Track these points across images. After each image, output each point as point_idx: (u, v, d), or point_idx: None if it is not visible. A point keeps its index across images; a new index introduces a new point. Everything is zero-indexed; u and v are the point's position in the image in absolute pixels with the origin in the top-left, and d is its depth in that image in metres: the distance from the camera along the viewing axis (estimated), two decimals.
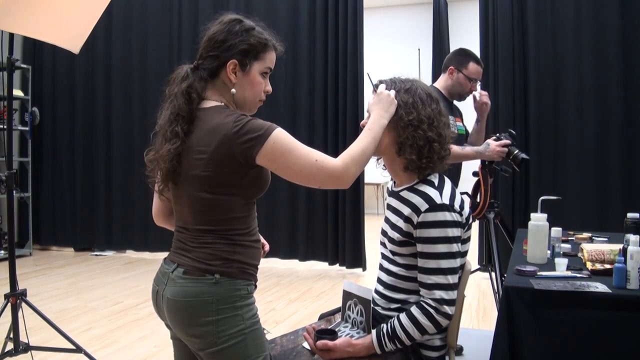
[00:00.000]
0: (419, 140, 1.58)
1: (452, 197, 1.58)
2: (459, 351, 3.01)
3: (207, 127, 1.39)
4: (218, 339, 1.37)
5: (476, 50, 4.90)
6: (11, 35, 2.79)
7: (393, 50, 9.14)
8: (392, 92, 1.60)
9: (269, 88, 1.52)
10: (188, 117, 1.42)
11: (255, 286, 1.49)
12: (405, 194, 1.62)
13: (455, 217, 1.55)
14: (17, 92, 5.70)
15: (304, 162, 1.36)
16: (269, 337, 1.51)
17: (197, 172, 1.38)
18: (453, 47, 9.25)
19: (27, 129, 5.81)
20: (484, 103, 2.90)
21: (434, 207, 1.54)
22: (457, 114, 2.96)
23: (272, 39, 1.51)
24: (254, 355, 1.41)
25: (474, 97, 2.93)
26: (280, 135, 1.36)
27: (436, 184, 1.60)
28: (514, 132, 2.85)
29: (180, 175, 1.42)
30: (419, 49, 8.90)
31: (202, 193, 1.39)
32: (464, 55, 2.87)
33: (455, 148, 2.67)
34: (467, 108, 3.04)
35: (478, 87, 2.92)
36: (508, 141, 2.75)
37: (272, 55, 1.50)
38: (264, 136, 1.34)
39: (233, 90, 1.47)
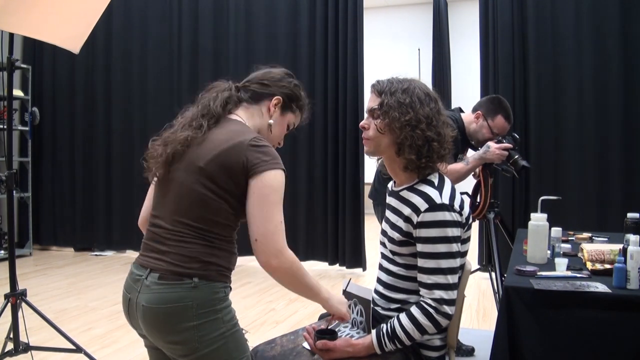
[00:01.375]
0: (418, 140, 1.58)
1: (452, 196, 1.58)
2: (471, 352, 3.00)
3: (228, 130, 1.44)
4: (200, 344, 1.35)
5: (476, 50, 4.92)
6: (11, 35, 2.79)
7: (393, 50, 9.14)
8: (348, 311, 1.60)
9: (282, 142, 1.65)
10: (217, 118, 1.48)
11: (230, 288, 1.48)
12: (405, 194, 1.62)
13: (455, 216, 1.55)
14: (17, 92, 5.70)
15: (276, 212, 1.36)
16: (248, 336, 1.50)
17: (198, 163, 1.40)
18: (453, 47, 9.25)
19: (27, 129, 5.81)
20: (499, 154, 2.73)
21: (433, 206, 1.54)
22: (467, 149, 2.93)
23: (308, 102, 1.65)
24: (236, 358, 1.41)
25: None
26: (282, 179, 1.40)
27: (436, 183, 1.60)
28: (517, 137, 2.81)
29: (181, 162, 1.43)
30: (419, 49, 8.90)
31: (197, 185, 1.39)
32: (496, 105, 2.79)
33: (459, 166, 2.67)
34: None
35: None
36: (509, 145, 2.71)
37: (301, 114, 1.65)
38: (274, 166, 1.38)
39: (271, 120, 1.56)
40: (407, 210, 1.58)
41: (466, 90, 7.76)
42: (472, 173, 2.99)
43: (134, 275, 1.45)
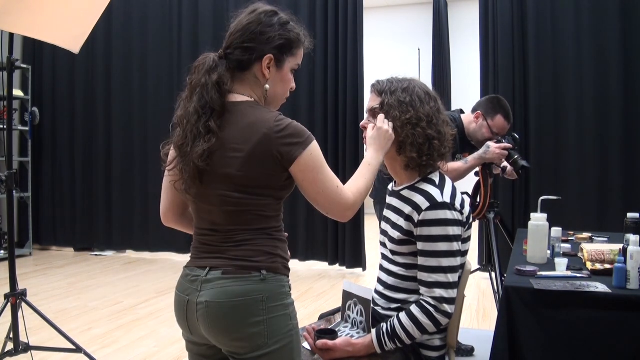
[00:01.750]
0: (419, 139, 1.58)
1: (453, 195, 1.58)
2: (470, 352, 3.01)
3: (243, 124, 1.31)
4: (269, 340, 1.28)
5: (476, 50, 4.92)
6: (11, 35, 2.79)
7: (393, 50, 9.14)
8: (390, 125, 1.58)
9: (294, 85, 1.46)
10: (220, 111, 1.32)
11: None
12: (406, 193, 1.62)
13: (456, 215, 1.55)
14: (17, 92, 5.70)
15: (329, 184, 1.32)
16: None
17: (231, 171, 1.29)
18: (453, 47, 9.25)
19: (27, 129, 5.81)
20: (499, 154, 2.73)
21: (435, 205, 1.54)
22: (467, 149, 2.89)
23: (304, 34, 1.44)
24: (297, 359, 1.36)
25: (503, 169, 2.94)
26: (317, 148, 1.32)
27: (437, 182, 1.61)
28: (517, 137, 2.81)
29: (208, 173, 1.32)
30: (419, 49, 8.90)
31: (235, 193, 1.30)
32: (495, 104, 2.79)
33: (458, 165, 2.67)
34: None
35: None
36: (509, 145, 2.70)
37: (302, 51, 1.45)
38: (305, 143, 1.30)
39: (267, 86, 1.38)
40: (408, 209, 1.59)
41: (466, 90, 7.76)
42: (474, 172, 3.00)
43: (190, 277, 1.36)
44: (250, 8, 1.43)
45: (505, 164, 2.86)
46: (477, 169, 2.96)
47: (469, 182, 3.03)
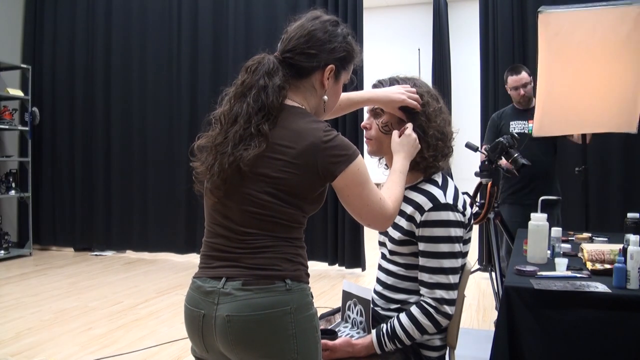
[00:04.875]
0: (431, 138, 1.58)
1: (456, 197, 1.58)
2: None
3: (290, 128, 1.25)
4: (298, 355, 1.20)
5: (476, 50, 4.92)
6: None
7: (393, 50, 9.13)
8: (414, 135, 1.56)
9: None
10: (276, 116, 1.25)
11: None
12: (409, 193, 1.62)
13: (458, 217, 1.55)
14: (17, 92, 5.70)
15: (373, 198, 1.28)
16: None
17: (269, 172, 1.22)
18: (453, 47, 9.25)
19: (27, 129, 5.81)
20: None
21: (437, 206, 1.54)
22: (530, 116, 3.34)
23: (360, 50, 1.41)
24: None
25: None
26: (363, 163, 1.28)
27: (440, 183, 1.60)
28: (516, 135, 2.84)
29: (245, 173, 1.24)
30: (419, 49, 8.89)
31: (264, 195, 1.22)
32: (506, 71, 3.42)
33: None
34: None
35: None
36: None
37: (352, 69, 1.42)
38: (352, 158, 1.24)
39: (325, 97, 1.34)
40: (410, 209, 1.58)
41: (466, 90, 7.76)
42: (474, 172, 3.00)
43: (204, 288, 1.24)
44: (312, 14, 1.37)
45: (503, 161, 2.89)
46: (484, 180, 2.93)
47: (468, 182, 3.04)
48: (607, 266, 1.90)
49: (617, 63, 2.97)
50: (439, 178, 1.63)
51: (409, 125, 1.57)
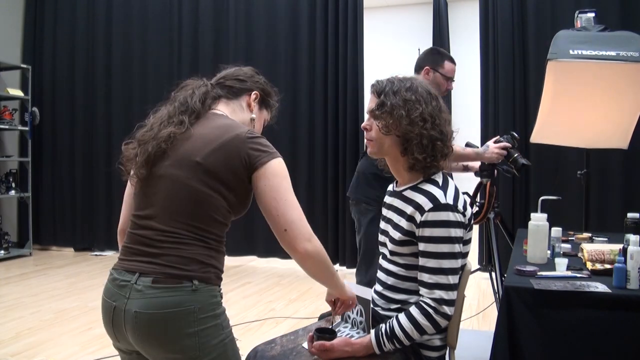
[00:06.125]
0: (423, 139, 1.58)
1: (456, 197, 1.57)
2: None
3: (216, 125, 1.40)
4: (201, 352, 1.28)
5: (476, 50, 4.92)
6: None
7: (393, 50, 9.13)
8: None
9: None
10: (197, 114, 1.43)
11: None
12: (409, 193, 1.62)
13: (458, 217, 1.54)
14: (17, 92, 5.70)
15: (294, 198, 1.34)
16: (238, 344, 1.44)
17: (198, 159, 1.33)
18: (453, 47, 9.24)
19: (27, 129, 5.81)
20: (498, 154, 2.79)
21: (438, 206, 1.53)
22: None
23: (277, 95, 1.64)
24: None
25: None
26: (283, 164, 1.37)
27: (440, 183, 1.60)
28: (516, 135, 2.82)
29: (168, 159, 1.35)
30: (419, 49, 8.86)
31: (194, 181, 1.32)
32: (437, 54, 2.84)
33: (457, 148, 2.67)
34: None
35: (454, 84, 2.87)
36: (508, 144, 2.74)
37: (270, 114, 1.63)
38: (274, 154, 1.36)
39: (253, 115, 1.54)
40: (410, 209, 1.58)
41: (466, 90, 7.75)
42: (475, 172, 2.99)
43: (118, 281, 1.32)
44: (238, 66, 1.62)
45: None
46: (484, 180, 2.94)
47: (469, 182, 3.04)
48: (607, 266, 1.90)
49: (617, 93, 3.05)
50: (439, 178, 1.62)
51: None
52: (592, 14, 3.17)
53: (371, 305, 1.63)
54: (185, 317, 1.26)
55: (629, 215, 2.26)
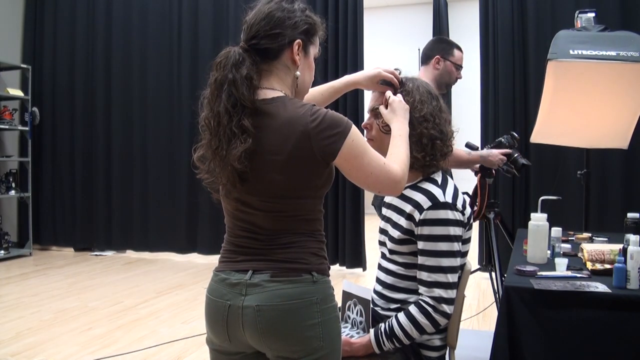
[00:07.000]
0: (424, 138, 1.58)
1: (455, 196, 1.58)
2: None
3: (278, 123, 1.24)
4: (324, 342, 1.25)
5: (476, 50, 4.92)
6: None
7: (393, 50, 9.13)
8: (400, 97, 1.57)
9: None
10: (252, 108, 1.24)
11: None
12: (408, 192, 1.62)
13: (457, 216, 1.55)
14: (17, 92, 5.70)
15: (375, 164, 1.28)
16: None
17: (273, 176, 1.24)
18: None
19: (27, 129, 5.81)
20: (501, 159, 2.81)
21: (436, 205, 1.54)
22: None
23: (321, 21, 1.41)
24: None
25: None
26: (357, 133, 1.26)
27: (439, 182, 1.61)
28: (516, 135, 2.84)
29: (249, 177, 1.25)
30: (419, 49, 8.87)
31: (278, 199, 1.26)
32: (446, 43, 2.81)
33: (462, 153, 2.68)
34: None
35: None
36: (509, 150, 2.79)
37: (318, 42, 1.41)
38: (345, 132, 1.24)
39: (297, 72, 1.33)
40: (409, 208, 1.58)
41: (466, 90, 7.74)
42: (475, 172, 3.00)
43: (229, 280, 1.28)
44: None
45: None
46: (475, 173, 2.96)
47: (468, 182, 3.03)
48: (607, 266, 1.90)
49: (617, 93, 3.06)
50: (438, 177, 1.63)
51: (388, 93, 1.58)
52: (592, 14, 3.17)
53: (371, 306, 1.63)
54: (309, 308, 1.24)
55: (629, 215, 2.26)
